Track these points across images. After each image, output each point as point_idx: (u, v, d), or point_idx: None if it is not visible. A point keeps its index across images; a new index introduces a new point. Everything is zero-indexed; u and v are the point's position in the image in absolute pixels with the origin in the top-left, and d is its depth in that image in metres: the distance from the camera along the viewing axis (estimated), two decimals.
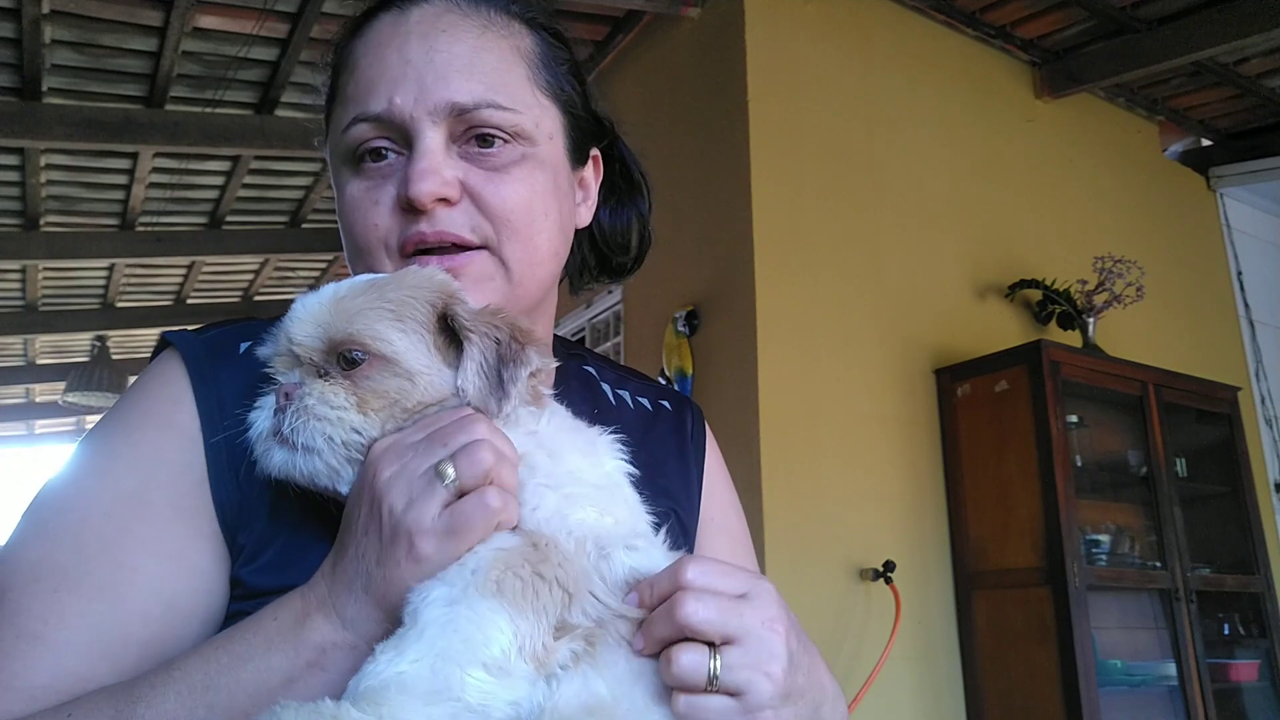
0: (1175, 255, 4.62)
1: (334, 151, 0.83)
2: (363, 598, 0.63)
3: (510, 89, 0.80)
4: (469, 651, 0.55)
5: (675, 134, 3.76)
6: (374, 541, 0.63)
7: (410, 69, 0.78)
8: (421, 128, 0.77)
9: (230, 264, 6.12)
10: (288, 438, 0.67)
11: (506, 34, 0.83)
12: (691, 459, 0.97)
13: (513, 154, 0.80)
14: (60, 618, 0.66)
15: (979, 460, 3.36)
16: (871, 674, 2.94)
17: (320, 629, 0.63)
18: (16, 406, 8.58)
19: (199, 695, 0.61)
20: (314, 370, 0.69)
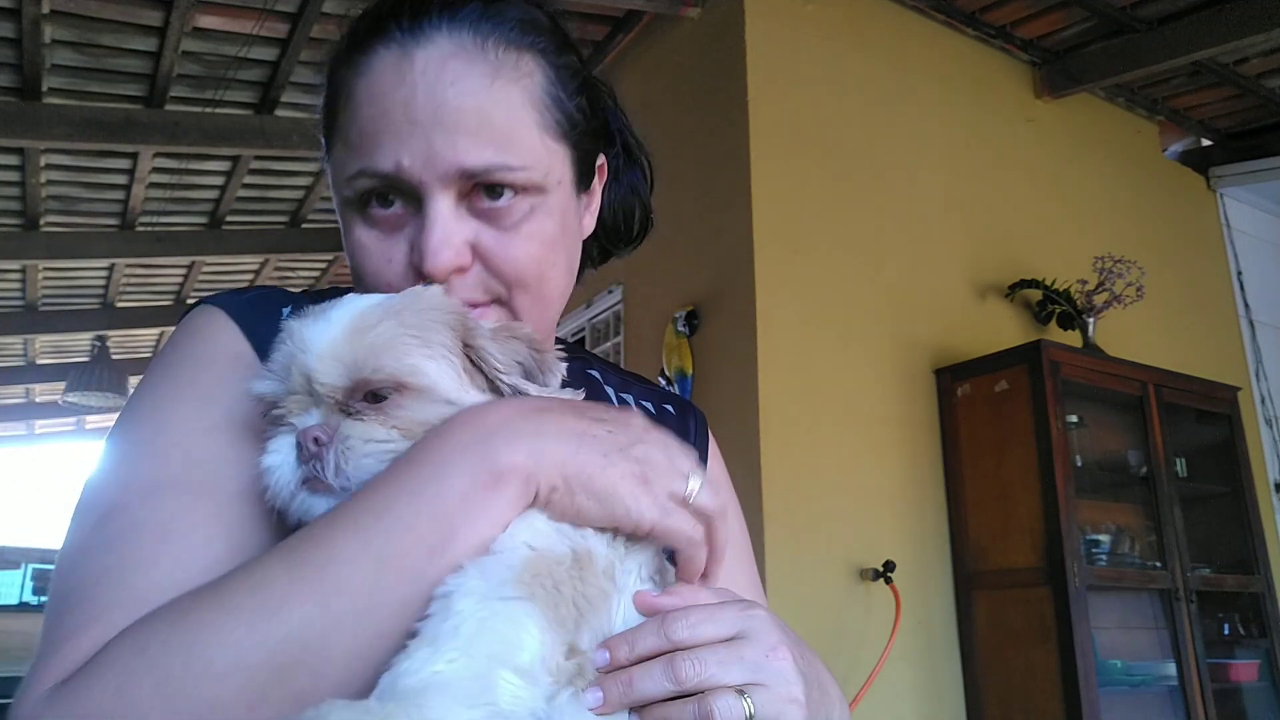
0: (1175, 255, 4.62)
1: (337, 189, 0.81)
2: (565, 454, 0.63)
3: (520, 146, 0.77)
4: (505, 653, 0.54)
5: (675, 134, 3.76)
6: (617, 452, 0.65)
7: (418, 130, 0.74)
8: (431, 192, 0.75)
9: (230, 264, 6.12)
10: (333, 483, 0.64)
11: (515, 77, 0.78)
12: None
13: (522, 208, 0.79)
14: (196, 517, 0.64)
15: (979, 460, 3.36)
16: (871, 674, 2.94)
17: (504, 449, 0.62)
18: (16, 406, 8.58)
19: (369, 530, 0.59)
20: (336, 408, 0.66)
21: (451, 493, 0.60)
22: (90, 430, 9.52)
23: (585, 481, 0.63)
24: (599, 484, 0.63)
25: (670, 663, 0.58)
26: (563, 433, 0.64)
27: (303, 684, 0.54)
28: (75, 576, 0.62)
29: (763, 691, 0.59)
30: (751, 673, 0.59)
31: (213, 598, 0.57)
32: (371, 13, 0.82)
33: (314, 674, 0.55)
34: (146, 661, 0.54)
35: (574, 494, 0.62)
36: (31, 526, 25.78)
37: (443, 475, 0.61)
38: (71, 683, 0.55)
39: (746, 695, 0.58)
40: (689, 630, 0.59)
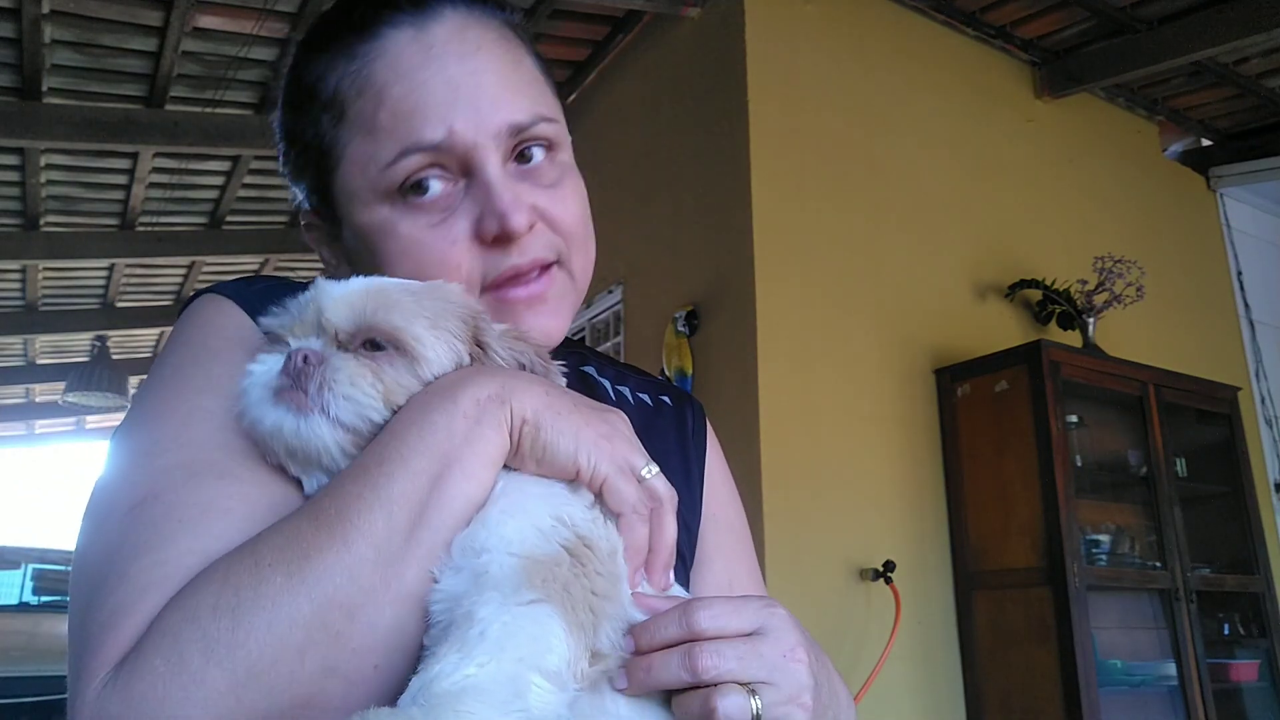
0: (1175, 255, 4.62)
1: (358, 186, 0.78)
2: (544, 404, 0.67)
3: (547, 99, 0.82)
4: (534, 656, 0.55)
5: (675, 134, 3.76)
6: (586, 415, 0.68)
7: (461, 93, 0.75)
8: (485, 155, 0.76)
9: (230, 264, 6.12)
10: (306, 401, 0.64)
11: (518, 43, 0.83)
12: (693, 455, 0.97)
13: (557, 167, 0.82)
14: (240, 498, 0.64)
15: (979, 460, 3.36)
16: (871, 674, 2.94)
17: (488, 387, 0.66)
18: (16, 406, 8.59)
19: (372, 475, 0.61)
20: (335, 344, 0.68)
21: (439, 427, 0.63)
22: (90, 430, 9.52)
23: (553, 419, 0.66)
24: (565, 424, 0.66)
25: (688, 653, 0.59)
26: (534, 382, 0.69)
27: (340, 624, 0.56)
28: (109, 562, 0.61)
29: (773, 691, 0.60)
30: (766, 671, 0.60)
31: (250, 557, 0.58)
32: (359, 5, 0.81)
33: (349, 611, 0.57)
34: (197, 628, 0.54)
35: (541, 429, 0.65)
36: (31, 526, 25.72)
37: (427, 414, 0.64)
38: (129, 661, 0.55)
39: (756, 694, 0.59)
40: (711, 621, 0.60)
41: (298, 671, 0.55)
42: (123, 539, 0.62)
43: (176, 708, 0.52)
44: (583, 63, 4.39)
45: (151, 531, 0.61)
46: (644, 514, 0.67)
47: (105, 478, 0.68)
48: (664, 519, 0.68)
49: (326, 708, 0.56)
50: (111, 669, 0.55)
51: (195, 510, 0.62)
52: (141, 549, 0.60)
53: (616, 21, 4.14)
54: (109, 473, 0.68)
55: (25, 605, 6.84)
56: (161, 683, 0.53)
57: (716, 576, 0.91)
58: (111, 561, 0.61)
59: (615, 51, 4.23)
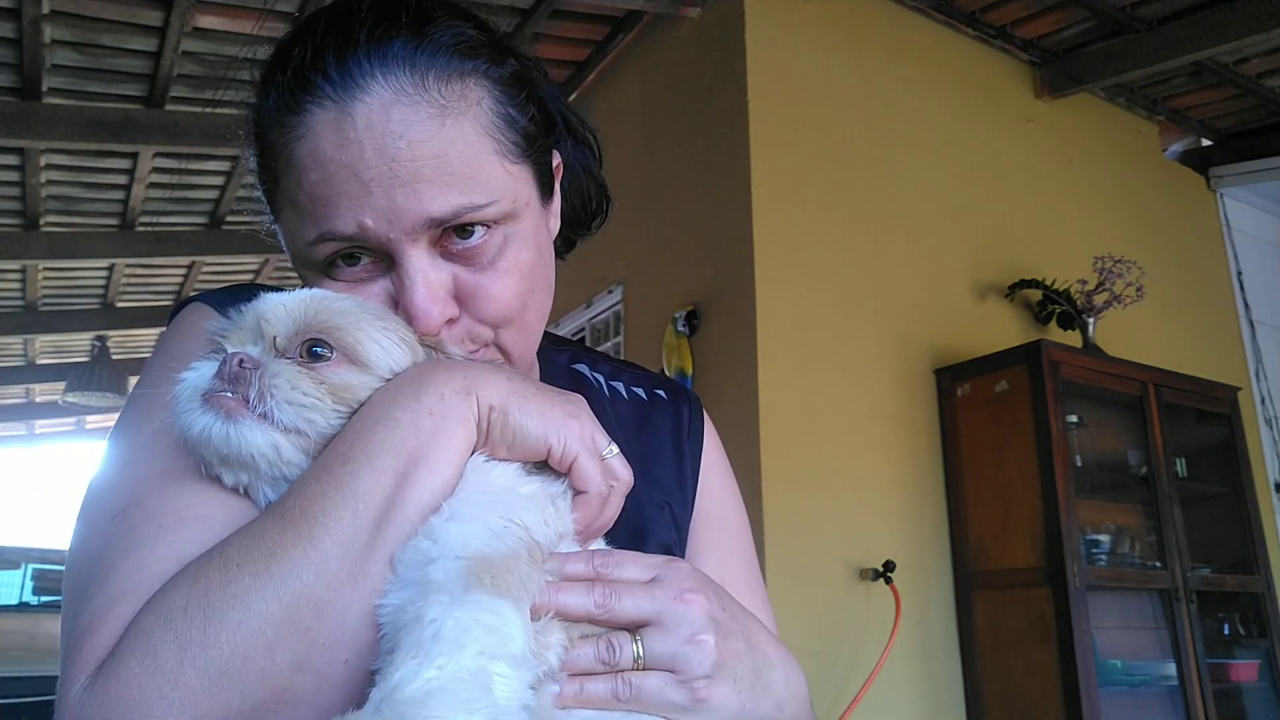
0: (1175, 255, 4.62)
1: (292, 251, 0.78)
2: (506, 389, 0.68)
3: (484, 180, 0.74)
4: (496, 647, 0.55)
5: (675, 134, 3.76)
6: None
7: (374, 188, 0.70)
8: (402, 248, 0.72)
9: (230, 264, 6.12)
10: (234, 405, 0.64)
11: (463, 108, 0.73)
12: (687, 451, 0.97)
13: (496, 242, 0.76)
14: (220, 503, 0.66)
15: (979, 460, 3.36)
16: (871, 674, 2.94)
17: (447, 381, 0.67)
18: (16, 406, 8.59)
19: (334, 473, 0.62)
20: (274, 352, 0.67)
21: (404, 424, 0.64)
22: (90, 430, 9.52)
23: (519, 402, 0.67)
24: (532, 405, 0.67)
25: (590, 588, 0.64)
26: (496, 370, 0.70)
27: (309, 620, 0.57)
28: (91, 568, 0.63)
29: (660, 632, 0.64)
30: (655, 612, 0.64)
31: (219, 558, 0.59)
32: (292, 64, 0.74)
33: (316, 608, 0.58)
34: (169, 630, 0.56)
35: (510, 414, 0.66)
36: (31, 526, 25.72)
37: (391, 412, 0.64)
38: (106, 665, 0.56)
39: (639, 638, 0.63)
40: (614, 567, 0.66)
41: (269, 668, 0.56)
42: (104, 546, 0.64)
43: (153, 708, 0.54)
44: (583, 63, 4.39)
45: (130, 539, 0.64)
46: (605, 495, 0.69)
47: (93, 486, 0.71)
48: (613, 500, 0.70)
49: (299, 702, 0.57)
50: (90, 673, 0.56)
51: (172, 517, 0.64)
52: (119, 556, 0.63)
53: (616, 21, 4.14)
54: (96, 481, 0.71)
55: (25, 605, 6.83)
56: (138, 684, 0.54)
57: (708, 572, 0.91)
58: (93, 569, 0.63)
59: (615, 51, 4.23)
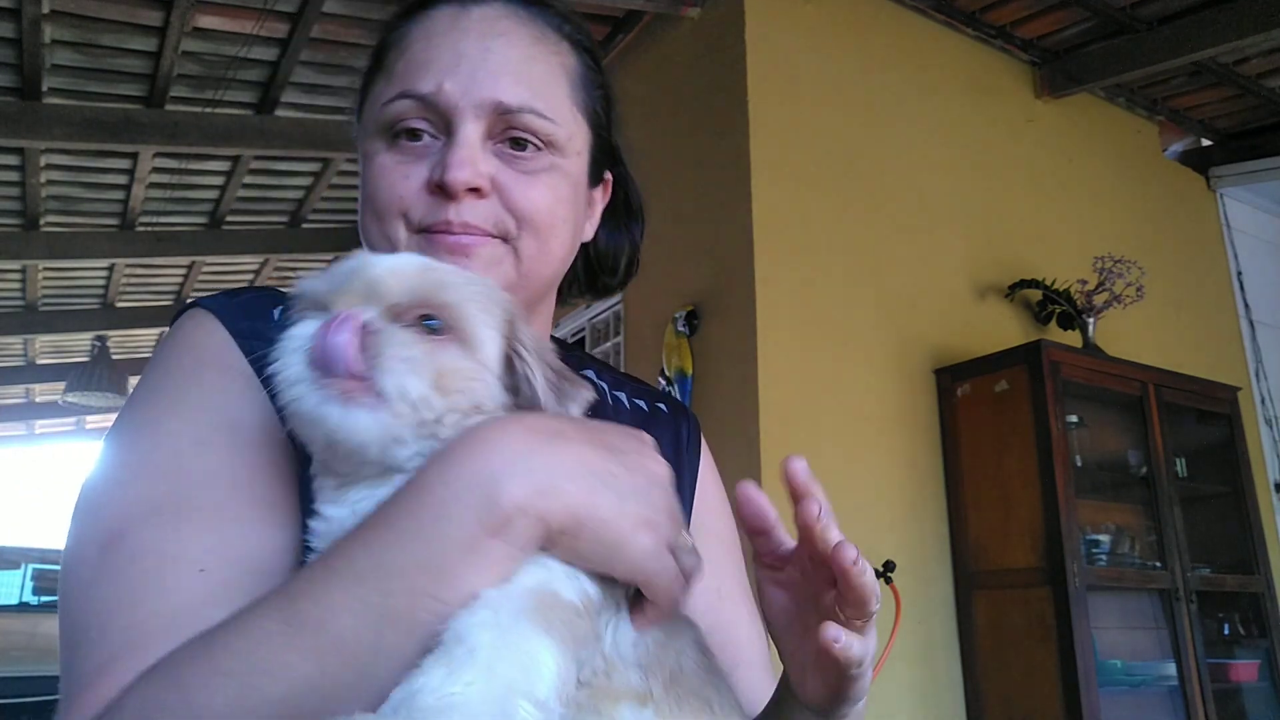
0: (1175, 255, 4.62)
1: (368, 122, 0.85)
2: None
3: (552, 100, 0.84)
4: (524, 683, 0.53)
5: (675, 134, 3.76)
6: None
7: (464, 61, 0.81)
8: (464, 118, 0.80)
9: (230, 264, 6.12)
10: (355, 389, 0.58)
11: (555, 50, 0.87)
12: (685, 465, 0.98)
13: (543, 161, 0.83)
14: (193, 540, 0.64)
15: (979, 460, 3.36)
16: (872, 674, 2.94)
17: (515, 490, 0.57)
18: (16, 406, 8.58)
19: (369, 583, 0.55)
20: (389, 319, 0.62)
21: (453, 541, 0.56)
22: (90, 430, 9.52)
23: (596, 527, 0.59)
24: (610, 532, 0.60)
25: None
26: (579, 470, 0.60)
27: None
28: (84, 612, 0.64)
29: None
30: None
31: (206, 657, 0.55)
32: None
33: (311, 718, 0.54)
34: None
35: (580, 539, 0.59)
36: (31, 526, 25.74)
37: (444, 519, 0.57)
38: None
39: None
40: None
41: None
42: (96, 585, 0.64)
43: None
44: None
45: (120, 579, 0.63)
46: (678, 594, 0.63)
47: (86, 493, 0.70)
48: (690, 586, 0.65)
49: None
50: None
51: (154, 559, 0.64)
52: (111, 603, 0.63)
53: (616, 21, 4.14)
54: (89, 489, 0.70)
55: (25, 605, 6.84)
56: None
57: (705, 585, 0.92)
58: (85, 609, 0.64)
59: (615, 51, 4.23)
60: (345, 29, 3.93)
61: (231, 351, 0.76)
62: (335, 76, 4.25)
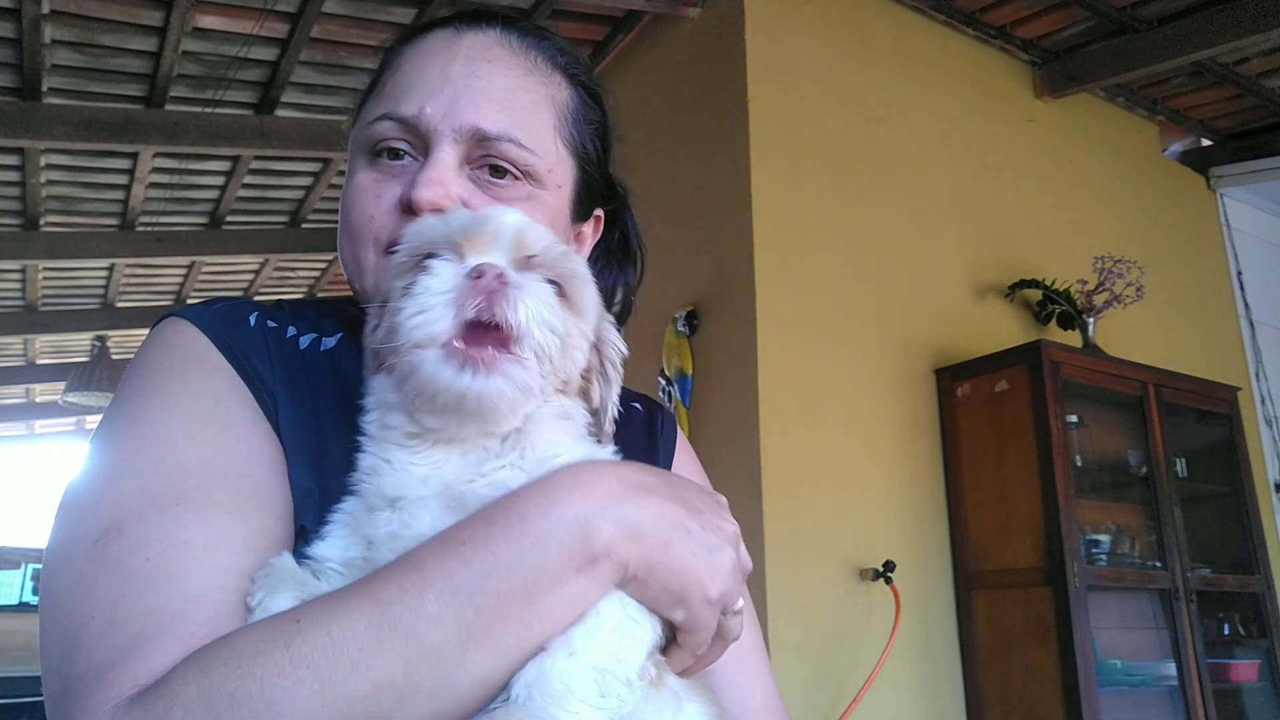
0: (1175, 255, 4.62)
1: (354, 141, 0.87)
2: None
3: (534, 131, 0.83)
4: (623, 662, 0.58)
5: (675, 133, 3.76)
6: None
7: (448, 85, 0.81)
8: (441, 140, 0.80)
9: (230, 264, 6.12)
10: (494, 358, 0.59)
11: (546, 81, 0.87)
12: (660, 456, 1.00)
13: (519, 191, 0.83)
14: (197, 527, 0.65)
15: (979, 460, 3.36)
16: (871, 674, 2.94)
17: (605, 533, 0.61)
18: (16, 406, 8.58)
19: (463, 599, 0.57)
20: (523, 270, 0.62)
21: (547, 573, 0.59)
22: (90, 430, 9.51)
23: (664, 578, 0.63)
24: (676, 584, 0.64)
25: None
26: (661, 522, 0.64)
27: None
28: (86, 604, 0.62)
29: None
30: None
31: (284, 648, 0.55)
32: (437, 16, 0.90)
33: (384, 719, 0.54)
34: (212, 714, 0.53)
35: (649, 586, 0.63)
36: (31, 526, 25.70)
37: (542, 551, 0.59)
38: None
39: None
40: None
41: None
42: (96, 577, 0.62)
43: None
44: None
45: (123, 572, 0.62)
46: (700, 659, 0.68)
47: (70, 500, 0.69)
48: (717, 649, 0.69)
49: None
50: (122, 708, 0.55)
51: (159, 547, 0.63)
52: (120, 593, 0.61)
53: (616, 21, 4.14)
54: (74, 497, 0.69)
55: (25, 605, 6.83)
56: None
57: None
58: (91, 601, 0.61)
59: (615, 51, 4.23)
60: (345, 29, 3.92)
61: (213, 353, 0.76)
62: (335, 76, 4.25)
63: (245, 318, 0.81)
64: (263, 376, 0.76)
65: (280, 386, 0.76)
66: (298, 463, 0.73)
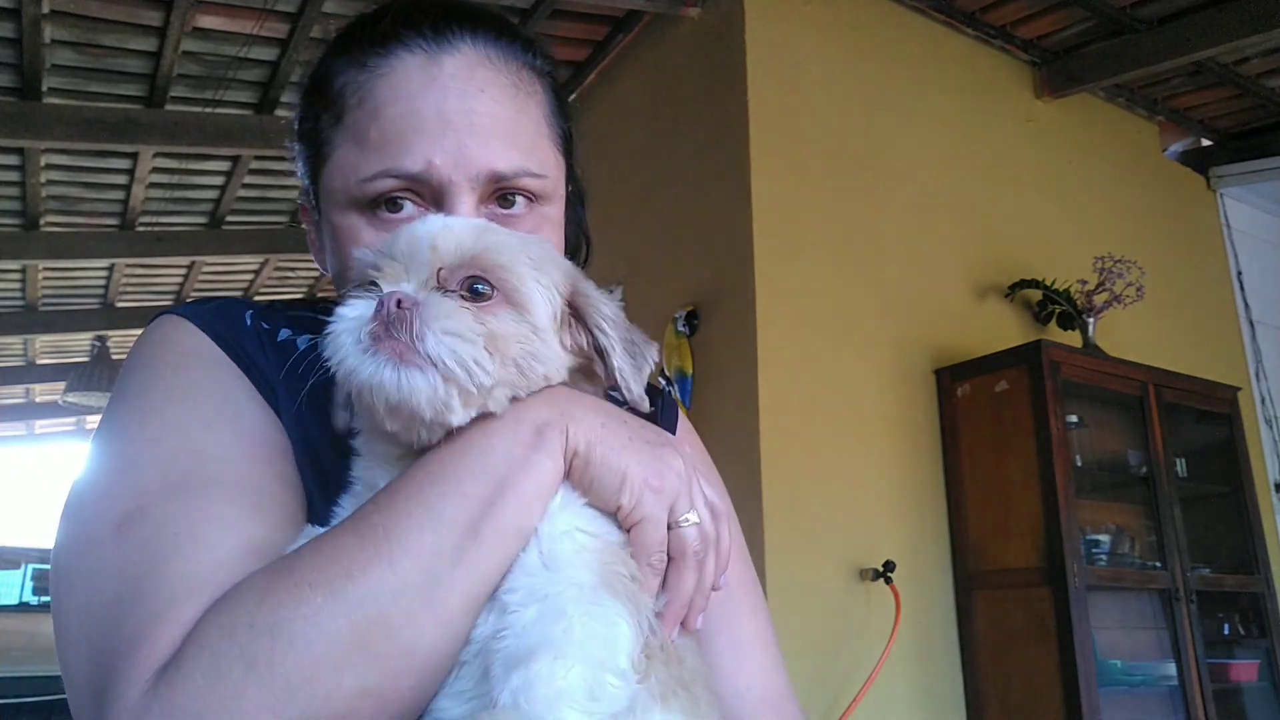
0: (1175, 255, 4.61)
1: (336, 191, 0.80)
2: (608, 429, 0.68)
3: (541, 154, 0.82)
4: (609, 658, 0.57)
5: (675, 133, 3.76)
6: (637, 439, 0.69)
7: (450, 130, 0.76)
8: (459, 191, 0.77)
9: (230, 264, 6.12)
10: (406, 350, 0.61)
11: (532, 91, 0.84)
12: None
13: (533, 218, 0.82)
14: (224, 506, 0.65)
15: (979, 460, 3.36)
16: (871, 674, 2.94)
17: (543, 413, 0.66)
18: (16, 406, 8.58)
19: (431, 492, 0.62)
20: (433, 285, 0.64)
21: (497, 452, 0.64)
22: (91, 430, 9.52)
23: (604, 453, 0.66)
24: (615, 459, 0.66)
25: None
26: (593, 410, 0.68)
27: (380, 645, 0.57)
28: (120, 579, 0.62)
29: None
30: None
31: (288, 574, 0.59)
32: (385, 19, 0.81)
33: (389, 632, 0.57)
34: (235, 645, 0.55)
35: (590, 463, 0.66)
36: (31, 526, 25.72)
37: (487, 438, 0.64)
38: (168, 674, 0.56)
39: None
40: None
41: (334, 690, 0.55)
42: (122, 558, 0.63)
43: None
44: (583, 63, 4.38)
45: (150, 549, 0.62)
46: (658, 567, 0.67)
47: (81, 490, 0.69)
48: (682, 572, 0.68)
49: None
50: (151, 677, 0.56)
51: (187, 523, 0.64)
52: (149, 567, 0.62)
53: (616, 21, 4.14)
54: (85, 486, 0.69)
55: (25, 605, 6.84)
56: (201, 697, 0.54)
57: None
58: (120, 579, 0.62)
59: (615, 51, 4.23)
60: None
61: (213, 348, 0.76)
62: None
63: (241, 315, 0.81)
64: (263, 370, 0.76)
65: (280, 383, 0.77)
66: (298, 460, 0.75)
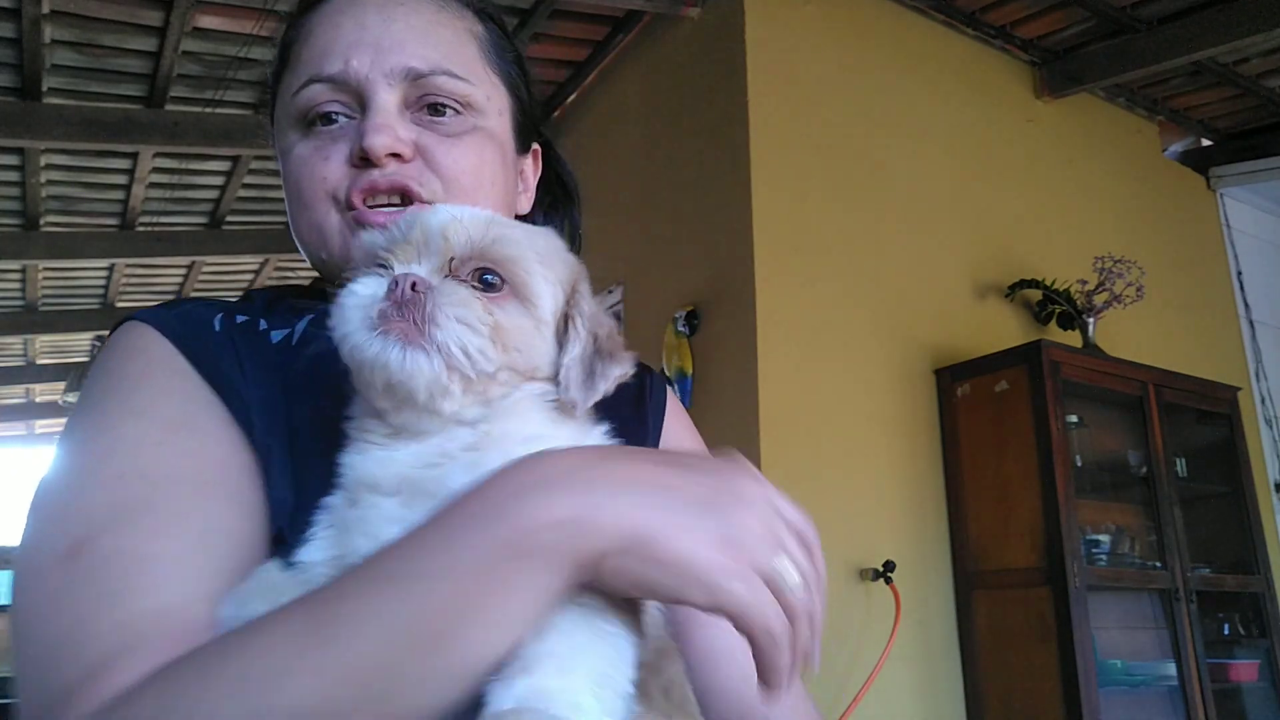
0: (1175, 255, 4.61)
1: (282, 116, 0.85)
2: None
3: (464, 61, 0.84)
4: (617, 675, 0.55)
5: (675, 134, 3.76)
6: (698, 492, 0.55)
7: (367, 34, 0.80)
8: (376, 89, 0.79)
9: (230, 264, 6.12)
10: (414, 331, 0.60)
11: (460, 16, 0.86)
12: (650, 422, 0.97)
13: (465, 123, 0.83)
14: (166, 538, 0.64)
15: (979, 460, 3.36)
16: (871, 674, 2.94)
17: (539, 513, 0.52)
18: (16, 406, 8.59)
19: (401, 585, 0.51)
20: (444, 271, 0.64)
21: (463, 563, 0.51)
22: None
23: (653, 546, 0.52)
24: (671, 550, 0.52)
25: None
26: (630, 482, 0.54)
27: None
28: (56, 621, 0.61)
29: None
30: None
31: (219, 663, 0.54)
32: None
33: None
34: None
35: (624, 570, 0.52)
36: None
37: (464, 536, 0.52)
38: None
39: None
40: None
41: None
42: (69, 591, 0.62)
43: None
44: (583, 63, 4.38)
45: (95, 585, 0.61)
46: (784, 640, 0.55)
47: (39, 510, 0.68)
48: (799, 634, 0.57)
49: None
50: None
51: (129, 560, 0.62)
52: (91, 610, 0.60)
53: (616, 21, 4.14)
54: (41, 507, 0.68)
55: None
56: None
57: None
58: (64, 614, 0.61)
59: (615, 51, 4.23)
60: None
61: (176, 357, 0.75)
62: None
63: (209, 321, 0.79)
64: (230, 380, 0.74)
65: (252, 387, 0.74)
66: (276, 467, 0.71)
